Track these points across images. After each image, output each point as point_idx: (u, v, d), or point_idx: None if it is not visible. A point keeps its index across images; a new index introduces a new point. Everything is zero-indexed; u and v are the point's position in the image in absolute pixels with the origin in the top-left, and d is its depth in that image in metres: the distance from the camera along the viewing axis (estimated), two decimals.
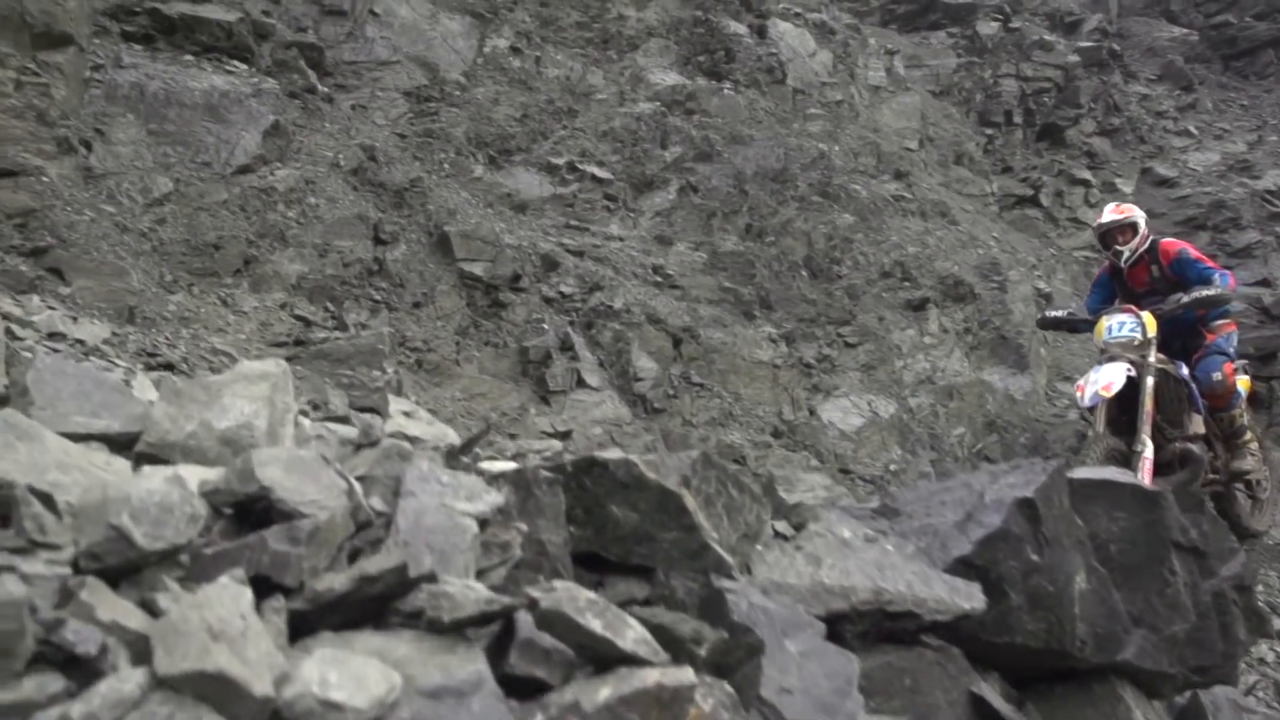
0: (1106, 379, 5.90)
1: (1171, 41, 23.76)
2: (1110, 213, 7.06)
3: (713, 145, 11.45)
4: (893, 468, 10.05)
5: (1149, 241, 6.82)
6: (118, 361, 3.84)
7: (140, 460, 2.15)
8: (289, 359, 5.36)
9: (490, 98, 9.25)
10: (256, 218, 6.19)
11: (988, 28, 20.23)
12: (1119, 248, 6.82)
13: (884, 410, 10.45)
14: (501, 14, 10.12)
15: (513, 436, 6.22)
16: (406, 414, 3.00)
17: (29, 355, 3.01)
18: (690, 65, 12.61)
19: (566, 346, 7.45)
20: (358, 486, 2.01)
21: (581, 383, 7.38)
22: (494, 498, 2.12)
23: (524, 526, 2.11)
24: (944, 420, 11.00)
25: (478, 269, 7.28)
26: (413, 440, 3.08)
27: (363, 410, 5.34)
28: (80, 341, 3.88)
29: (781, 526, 3.04)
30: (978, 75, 19.58)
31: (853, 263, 12.08)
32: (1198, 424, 6.35)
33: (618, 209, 9.51)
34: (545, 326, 7.40)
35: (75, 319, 4.30)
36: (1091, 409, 6.17)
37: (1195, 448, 6.19)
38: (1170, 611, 2.83)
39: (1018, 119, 19.40)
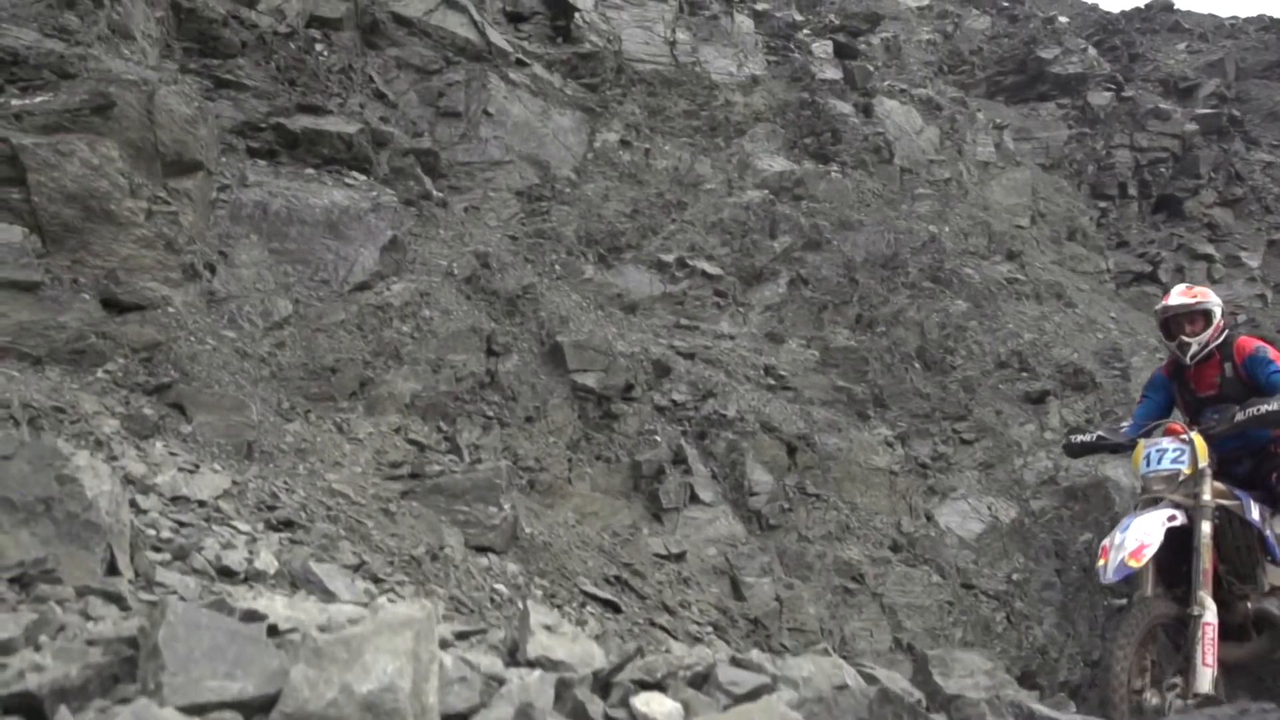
0: (1136, 540, 4.51)
1: None
2: (1178, 295, 5.65)
3: (821, 233, 11.18)
4: (1015, 577, 9.48)
5: (1223, 336, 5.51)
6: (239, 525, 3.71)
7: None
8: (404, 494, 5.22)
9: (600, 194, 9.16)
10: (373, 336, 6.12)
11: (1099, 97, 19.62)
12: (1185, 339, 5.48)
13: (1004, 514, 9.90)
14: (611, 107, 10.08)
15: (628, 567, 5.96)
16: (548, 628, 2.78)
17: (158, 562, 2.88)
18: (797, 149, 12.41)
19: (679, 459, 7.19)
20: None
21: (694, 498, 7.10)
22: None
23: None
24: (1068, 524, 10.35)
25: (590, 380, 7.09)
26: (558, 665, 2.84)
27: (480, 550, 5.16)
28: (201, 503, 3.77)
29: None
30: (1090, 147, 18.96)
31: (967, 352, 11.59)
32: (1275, 575, 5.08)
33: (728, 305, 9.27)
34: (657, 438, 7.16)
35: (196, 466, 4.21)
36: (1124, 582, 4.69)
37: (1274, 606, 4.96)
38: None
39: (1133, 191, 18.68)
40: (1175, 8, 24.34)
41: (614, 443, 7.00)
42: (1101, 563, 4.69)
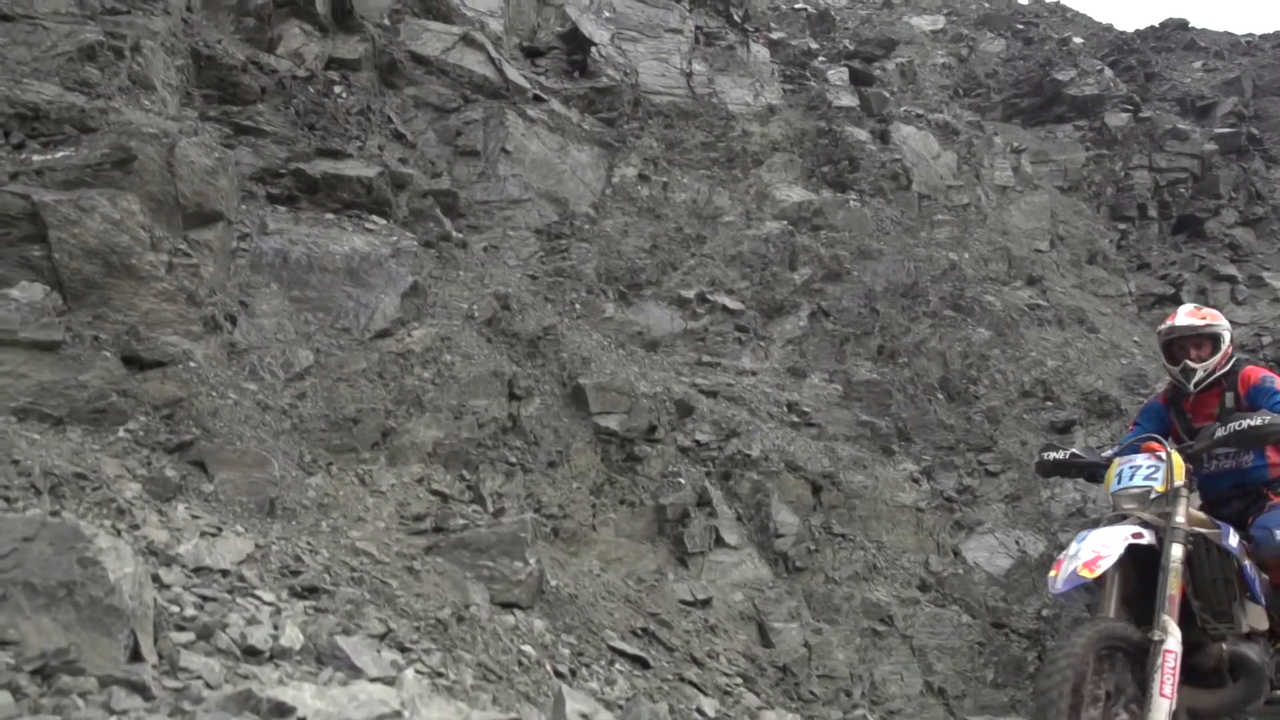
0: (1092, 551, 3.95)
1: None
2: (1185, 316, 5.12)
3: (841, 263, 11.08)
4: (1045, 613, 9.31)
5: (1230, 363, 4.98)
6: (262, 595, 3.63)
7: None
8: (428, 549, 5.14)
9: (619, 229, 9.10)
10: (394, 384, 6.05)
11: (1117, 119, 19.46)
12: (1190, 364, 4.93)
13: (1032, 548, 9.73)
14: (629, 141, 10.04)
15: (655, 617, 5.85)
16: (584, 717, 2.69)
17: (180, 643, 2.80)
18: (815, 177, 12.33)
19: (704, 501, 7.09)
20: None
21: (720, 541, 6.99)
22: None
23: None
24: None
25: (612, 422, 7.01)
26: None
27: (504, 606, 5.06)
28: (224, 572, 3.69)
29: None
30: (1108, 168, 18.80)
31: (990, 382, 11.44)
32: (1256, 616, 4.44)
33: (749, 339, 9.18)
34: (681, 480, 7.06)
35: (219, 529, 4.14)
36: (1081, 590, 4.41)
37: (1252, 651, 4.29)
38: None
39: (1152, 212, 18.51)
40: (1190, 26, 24.21)
41: (638, 486, 6.90)
42: (1053, 574, 4.03)
